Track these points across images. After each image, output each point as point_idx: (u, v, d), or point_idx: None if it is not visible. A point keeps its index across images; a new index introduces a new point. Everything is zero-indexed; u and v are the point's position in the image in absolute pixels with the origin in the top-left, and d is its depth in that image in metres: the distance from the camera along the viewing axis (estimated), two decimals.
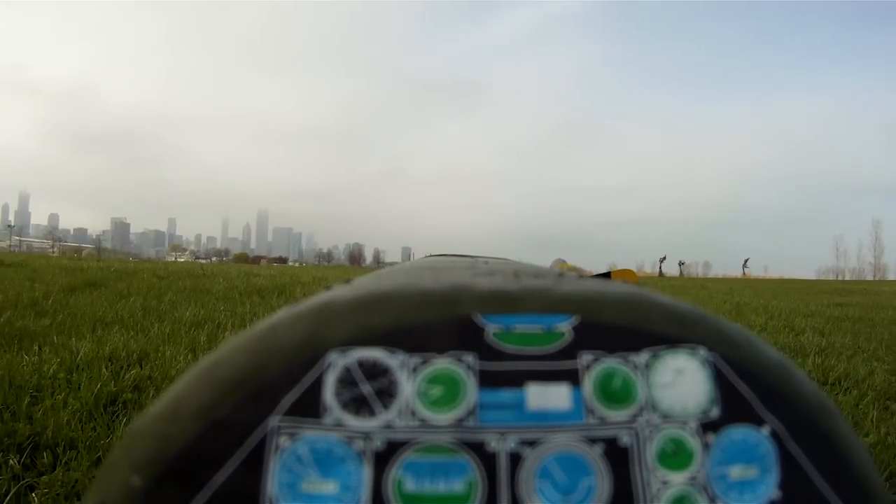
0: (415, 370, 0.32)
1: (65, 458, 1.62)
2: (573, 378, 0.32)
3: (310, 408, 0.31)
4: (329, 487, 0.30)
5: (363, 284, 0.38)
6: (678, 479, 0.31)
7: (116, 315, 4.24)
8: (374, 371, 0.32)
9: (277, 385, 0.31)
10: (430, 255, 1.13)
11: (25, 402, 2.00)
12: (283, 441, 0.30)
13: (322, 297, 0.36)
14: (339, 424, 0.31)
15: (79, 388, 2.21)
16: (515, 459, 0.31)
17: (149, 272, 8.48)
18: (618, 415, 0.32)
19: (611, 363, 0.33)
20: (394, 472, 0.30)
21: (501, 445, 0.31)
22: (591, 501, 0.30)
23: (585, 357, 0.33)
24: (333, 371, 0.32)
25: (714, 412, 0.33)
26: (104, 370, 2.51)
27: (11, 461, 1.57)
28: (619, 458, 0.31)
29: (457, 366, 0.32)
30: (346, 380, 0.32)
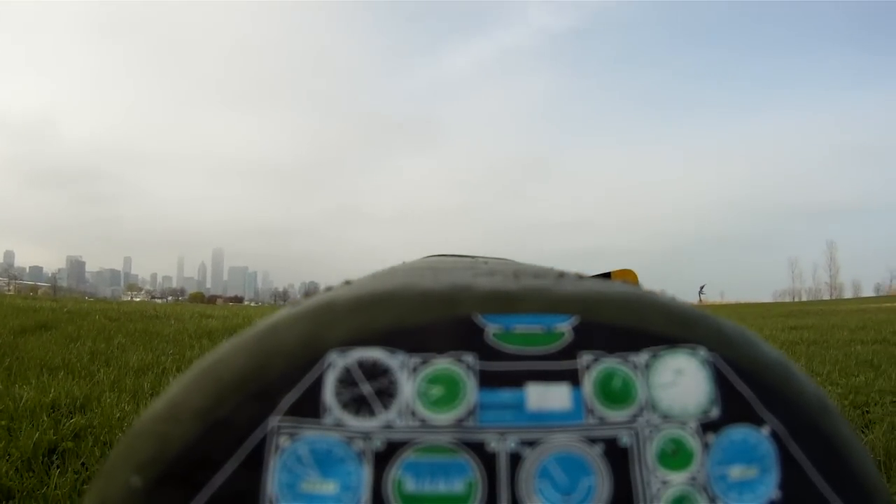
0: (415, 370, 0.32)
1: None
2: (573, 378, 0.32)
3: (310, 408, 0.31)
4: (329, 487, 0.30)
5: (363, 284, 0.38)
6: (678, 480, 0.31)
7: (63, 360, 4.24)
8: (374, 371, 0.32)
9: (277, 385, 0.31)
10: (431, 255, 1.13)
11: None
12: (283, 441, 0.30)
13: (322, 297, 0.36)
14: (339, 424, 0.31)
15: (19, 437, 2.22)
16: (515, 459, 0.31)
17: (101, 313, 8.42)
18: (618, 415, 0.32)
19: (611, 363, 0.33)
20: (394, 473, 0.30)
21: (501, 445, 0.31)
22: (591, 501, 0.30)
23: (585, 357, 0.33)
24: (333, 371, 0.32)
25: (714, 412, 0.33)
26: (45, 418, 2.51)
27: None
28: (619, 459, 0.31)
29: (457, 366, 0.32)
30: (346, 380, 0.32)
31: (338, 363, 0.32)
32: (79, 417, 2.61)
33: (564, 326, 0.34)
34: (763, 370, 0.35)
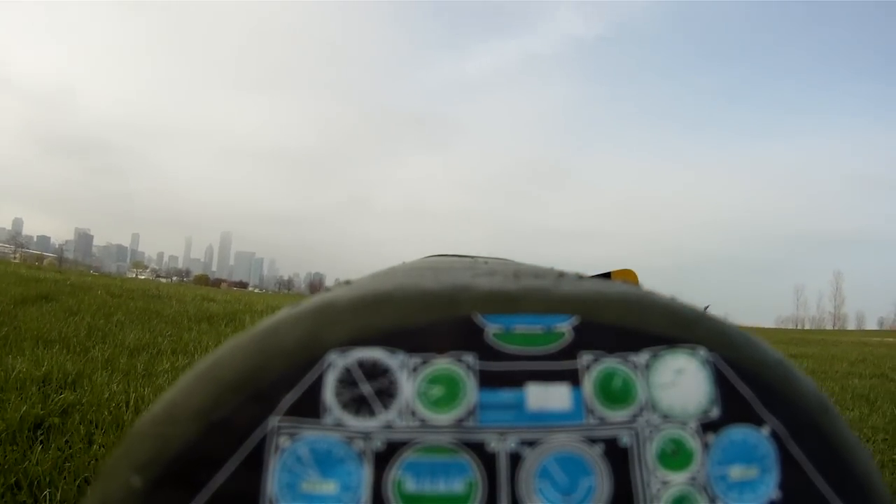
0: (415, 370, 0.32)
1: None
2: (573, 378, 0.32)
3: (310, 408, 0.31)
4: (329, 487, 0.30)
5: (363, 284, 0.38)
6: (678, 480, 0.31)
7: (60, 333, 4.22)
8: (374, 371, 0.32)
9: (277, 385, 0.31)
10: (431, 255, 1.13)
11: None
12: (283, 441, 0.30)
13: (322, 297, 0.36)
14: (339, 424, 0.31)
15: (6, 409, 2.20)
16: (515, 459, 0.31)
17: (104, 289, 8.39)
18: (618, 415, 0.32)
19: (611, 363, 0.33)
20: (394, 473, 0.30)
21: (501, 445, 0.31)
22: (591, 501, 0.30)
23: (585, 357, 0.33)
24: (333, 371, 0.32)
25: (714, 412, 0.33)
26: (35, 391, 2.49)
27: None
28: (619, 459, 0.31)
29: (457, 366, 0.32)
30: (346, 380, 0.32)
31: (338, 363, 0.32)
32: (68, 393, 2.58)
33: (564, 326, 0.34)
34: (763, 370, 0.35)
